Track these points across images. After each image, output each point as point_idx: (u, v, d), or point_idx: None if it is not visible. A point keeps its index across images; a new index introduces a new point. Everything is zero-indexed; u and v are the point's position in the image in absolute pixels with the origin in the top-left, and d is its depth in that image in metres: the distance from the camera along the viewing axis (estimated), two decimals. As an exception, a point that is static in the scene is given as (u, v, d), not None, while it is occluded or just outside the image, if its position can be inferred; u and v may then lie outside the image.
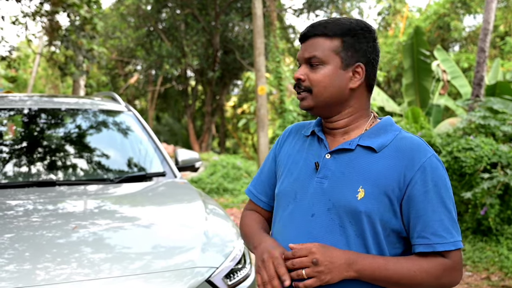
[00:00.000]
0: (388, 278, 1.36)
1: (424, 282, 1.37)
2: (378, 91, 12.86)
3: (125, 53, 22.57)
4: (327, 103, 1.46)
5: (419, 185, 1.37)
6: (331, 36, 1.45)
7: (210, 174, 11.18)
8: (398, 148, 1.42)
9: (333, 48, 1.44)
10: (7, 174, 3.40)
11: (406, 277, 1.36)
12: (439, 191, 1.38)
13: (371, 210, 1.38)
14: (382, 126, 1.49)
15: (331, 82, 1.44)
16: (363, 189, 1.39)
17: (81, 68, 11.14)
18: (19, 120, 4.01)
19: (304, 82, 1.47)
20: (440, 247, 1.36)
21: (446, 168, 6.08)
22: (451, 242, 1.36)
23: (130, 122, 4.09)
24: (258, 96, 11.23)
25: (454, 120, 9.94)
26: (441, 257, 1.38)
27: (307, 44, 1.48)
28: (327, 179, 1.45)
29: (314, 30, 1.47)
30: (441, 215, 1.37)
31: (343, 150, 1.46)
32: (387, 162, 1.40)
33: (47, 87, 26.22)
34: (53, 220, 2.68)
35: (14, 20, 10.00)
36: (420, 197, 1.37)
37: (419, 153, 1.40)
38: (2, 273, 2.11)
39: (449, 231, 1.37)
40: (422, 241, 1.37)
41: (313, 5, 20.50)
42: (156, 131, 24.87)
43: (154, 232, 2.71)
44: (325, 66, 1.44)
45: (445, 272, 1.37)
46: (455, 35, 18.04)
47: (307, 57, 1.46)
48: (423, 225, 1.37)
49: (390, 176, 1.39)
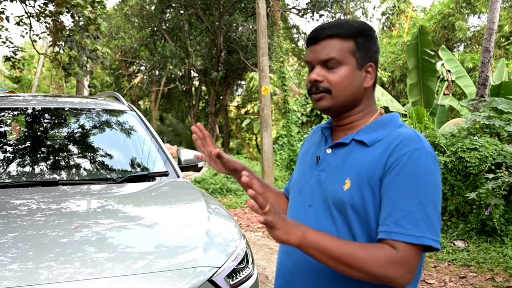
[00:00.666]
0: (329, 251, 1.30)
1: (368, 264, 1.29)
2: (382, 91, 12.83)
3: (129, 54, 22.60)
4: (344, 103, 1.49)
5: (394, 173, 1.35)
6: (345, 37, 1.46)
7: (213, 174, 11.18)
8: (387, 140, 1.42)
9: (349, 49, 1.46)
10: (11, 173, 3.41)
11: (348, 253, 1.30)
12: (414, 183, 1.33)
13: (355, 200, 1.40)
14: (382, 121, 1.51)
15: (350, 83, 1.47)
16: (350, 180, 1.41)
17: (85, 69, 11.16)
18: (23, 120, 4.02)
19: (322, 83, 1.47)
20: (397, 236, 1.30)
21: (451, 169, 6.07)
22: (414, 235, 1.29)
23: (133, 122, 4.09)
24: (261, 96, 11.22)
25: (459, 120, 9.92)
26: (391, 247, 1.31)
27: (321, 45, 1.48)
28: (324, 171, 1.51)
29: (328, 32, 1.47)
30: (410, 207, 1.31)
31: (341, 145, 1.51)
32: (374, 155, 1.42)
33: (51, 87, 26.29)
34: (56, 220, 2.69)
35: (18, 20, 10.04)
36: (391, 185, 1.35)
37: (403, 144, 1.38)
38: (6, 272, 2.12)
39: (417, 224, 1.30)
40: (382, 228, 1.34)
41: (317, 5, 20.49)
42: (160, 131, 24.90)
43: (157, 231, 2.71)
44: (343, 67, 1.46)
45: (390, 264, 1.29)
46: (460, 35, 17.97)
47: (324, 59, 1.46)
48: (388, 213, 1.34)
49: (375, 167, 1.39)
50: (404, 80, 17.48)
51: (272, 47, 14.22)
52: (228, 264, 2.43)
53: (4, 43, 9.77)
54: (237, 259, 2.53)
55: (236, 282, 2.45)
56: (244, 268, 2.57)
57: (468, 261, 5.35)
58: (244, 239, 2.75)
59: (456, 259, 5.45)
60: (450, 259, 5.49)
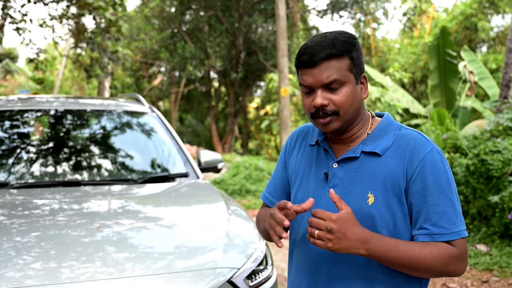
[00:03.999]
0: (398, 260, 1.38)
1: (433, 266, 1.39)
2: (403, 93, 12.72)
3: (149, 55, 22.77)
4: (350, 119, 1.50)
5: (419, 180, 1.42)
6: (341, 56, 1.45)
7: (232, 175, 11.20)
8: (399, 146, 1.48)
9: (346, 67, 1.46)
10: (34, 174, 3.46)
11: (415, 259, 1.38)
12: (439, 184, 1.42)
13: (383, 213, 1.45)
14: (382, 127, 1.54)
15: (353, 99, 1.48)
16: (372, 194, 1.46)
17: (106, 70, 11.29)
18: (45, 121, 4.08)
19: (328, 107, 1.46)
20: (438, 238, 1.41)
21: (473, 171, 6.00)
22: (454, 232, 1.41)
23: (153, 123, 4.12)
24: (281, 97, 11.22)
25: (481, 122, 9.77)
26: (449, 244, 1.42)
27: (319, 69, 1.44)
28: (337, 187, 1.51)
29: (324, 54, 1.44)
30: (443, 207, 1.41)
31: (349, 159, 1.52)
32: (390, 164, 1.46)
33: (73, 88, 26.62)
34: (78, 220, 2.72)
35: (41, 23, 10.17)
36: (420, 192, 1.42)
37: (418, 149, 1.45)
38: (29, 271, 2.15)
39: (453, 221, 1.41)
40: (423, 232, 1.42)
41: (337, 6, 20.38)
42: (179, 132, 25.03)
43: (177, 232, 2.73)
44: (345, 86, 1.46)
45: (451, 260, 1.41)
46: (483, 35, 17.76)
47: (327, 82, 1.44)
48: (424, 217, 1.42)
49: (395, 176, 1.45)
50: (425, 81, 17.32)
51: (291, 48, 14.19)
52: (247, 265, 2.44)
53: (27, 45, 9.90)
54: (257, 260, 2.53)
55: (256, 283, 2.46)
56: (263, 270, 2.57)
57: (490, 265, 5.27)
58: (263, 241, 2.75)
59: (478, 263, 5.37)
60: (472, 263, 5.41)
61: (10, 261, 2.21)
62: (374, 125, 1.56)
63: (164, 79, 24.17)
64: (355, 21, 21.57)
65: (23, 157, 3.60)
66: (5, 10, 8.98)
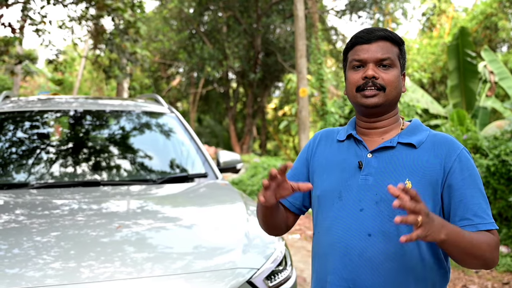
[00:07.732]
0: (463, 245, 1.40)
1: (486, 253, 1.44)
2: (422, 93, 12.60)
3: (168, 56, 22.90)
4: (392, 102, 1.57)
5: (457, 173, 1.50)
6: (394, 42, 1.57)
7: (251, 176, 11.19)
8: (434, 142, 1.55)
9: (397, 53, 1.57)
10: (54, 174, 3.48)
11: (476, 245, 1.42)
12: (474, 178, 1.51)
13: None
14: (415, 126, 1.62)
15: (398, 84, 1.56)
16: (410, 181, 1.50)
17: (124, 71, 11.36)
18: (65, 122, 4.11)
19: (378, 80, 1.53)
20: (482, 227, 1.47)
21: (493, 172, 5.92)
22: (490, 222, 1.48)
23: (172, 124, 4.13)
24: (299, 98, 11.18)
25: (502, 122, 9.63)
26: (489, 233, 1.48)
27: (375, 45, 1.54)
28: (371, 175, 1.55)
29: (382, 33, 1.55)
30: (478, 199, 1.49)
31: (385, 148, 1.57)
32: (427, 155, 1.53)
33: (92, 89, 26.87)
34: (97, 220, 2.73)
35: (61, 24, 10.27)
36: (459, 184, 1.50)
37: (453, 146, 1.54)
38: (49, 270, 2.17)
39: (487, 213, 1.49)
40: (466, 222, 1.47)
41: (356, 6, 20.28)
42: (198, 132, 25.11)
43: (196, 232, 2.73)
44: (394, 68, 1.55)
45: (496, 247, 1.47)
46: (503, 35, 17.49)
47: (381, 57, 1.53)
48: (464, 208, 1.48)
49: (432, 167, 1.51)
50: (444, 81, 17.12)
51: (310, 49, 14.14)
52: (266, 266, 2.43)
53: (47, 46, 10.00)
54: (276, 261, 2.52)
55: (275, 284, 2.44)
56: (282, 270, 2.55)
57: (511, 267, 5.19)
58: (282, 241, 2.73)
59: (499, 265, 5.29)
60: (493, 265, 5.33)
61: (30, 260, 2.23)
62: (405, 125, 1.63)
63: (183, 80, 24.28)
64: (373, 21, 21.42)
65: (43, 158, 3.63)
66: (24, 12, 9.07)
